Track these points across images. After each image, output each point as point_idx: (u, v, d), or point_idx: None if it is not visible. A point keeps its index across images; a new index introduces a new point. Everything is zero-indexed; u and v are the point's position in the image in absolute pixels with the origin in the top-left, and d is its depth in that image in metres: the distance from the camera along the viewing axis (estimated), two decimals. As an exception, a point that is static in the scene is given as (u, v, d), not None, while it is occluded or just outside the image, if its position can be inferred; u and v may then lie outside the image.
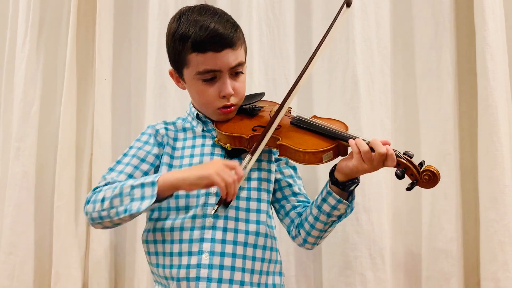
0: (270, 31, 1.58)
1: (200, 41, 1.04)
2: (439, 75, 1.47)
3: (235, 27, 1.09)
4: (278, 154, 1.08)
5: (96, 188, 1.07)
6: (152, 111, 1.61)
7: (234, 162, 0.99)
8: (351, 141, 1.01)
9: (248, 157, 1.04)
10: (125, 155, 1.14)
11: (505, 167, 1.33)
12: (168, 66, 1.60)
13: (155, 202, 0.98)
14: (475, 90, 1.39)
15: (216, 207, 1.01)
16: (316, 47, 1.10)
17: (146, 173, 1.12)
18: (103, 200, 1.02)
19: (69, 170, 1.64)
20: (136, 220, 1.60)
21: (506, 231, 1.32)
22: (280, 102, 1.22)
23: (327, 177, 1.09)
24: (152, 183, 0.98)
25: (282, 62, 1.57)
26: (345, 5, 1.13)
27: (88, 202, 1.05)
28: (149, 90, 1.63)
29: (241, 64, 1.11)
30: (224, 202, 1.00)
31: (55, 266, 1.60)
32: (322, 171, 1.49)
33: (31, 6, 1.71)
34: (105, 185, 1.07)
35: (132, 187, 1.00)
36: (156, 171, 1.14)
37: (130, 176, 1.09)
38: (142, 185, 0.99)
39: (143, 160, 1.13)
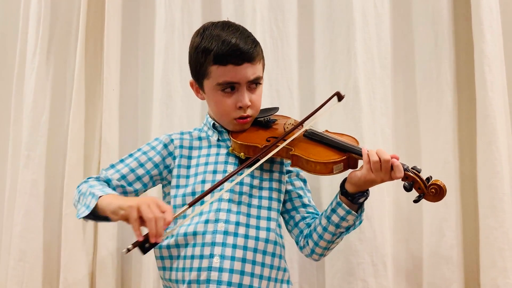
0: (273, 43, 1.62)
1: (222, 54, 1.09)
2: (439, 86, 1.50)
3: (255, 43, 1.15)
4: (291, 164, 1.11)
5: (89, 178, 1.15)
6: (159, 121, 1.64)
7: (168, 207, 0.94)
8: (363, 150, 1.04)
9: (185, 206, 0.99)
10: (130, 155, 1.20)
11: (504, 175, 1.36)
12: (174, 77, 1.65)
13: (98, 217, 1.03)
14: (474, 100, 1.42)
15: (130, 247, 0.91)
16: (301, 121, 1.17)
17: (139, 178, 1.17)
18: (79, 192, 1.10)
19: (77, 178, 1.66)
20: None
21: (505, 238, 1.34)
22: (289, 116, 1.26)
23: (330, 190, 1.12)
24: (97, 198, 1.02)
25: (285, 73, 1.61)
26: (335, 96, 1.19)
27: (77, 187, 1.13)
28: (156, 100, 1.66)
29: (258, 78, 1.16)
30: (140, 244, 0.89)
31: (63, 272, 1.61)
32: (325, 185, 1.52)
33: (41, 18, 1.73)
34: (96, 178, 1.14)
35: (89, 194, 1.05)
36: (151, 179, 1.18)
37: (124, 176, 1.15)
38: (92, 195, 1.04)
39: (141, 165, 1.18)
